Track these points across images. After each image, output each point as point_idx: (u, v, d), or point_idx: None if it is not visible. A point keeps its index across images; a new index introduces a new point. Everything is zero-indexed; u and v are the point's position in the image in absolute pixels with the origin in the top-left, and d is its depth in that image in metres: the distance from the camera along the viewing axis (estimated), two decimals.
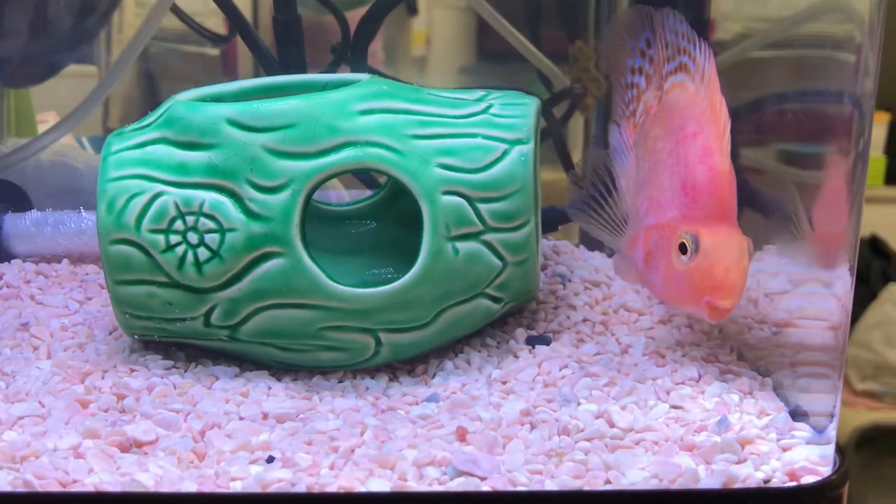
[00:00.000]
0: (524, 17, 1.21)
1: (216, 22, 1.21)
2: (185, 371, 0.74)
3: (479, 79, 1.33)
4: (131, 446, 0.63)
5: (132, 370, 0.73)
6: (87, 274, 0.91)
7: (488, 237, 0.72)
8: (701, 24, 0.94)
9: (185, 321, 0.72)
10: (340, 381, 0.73)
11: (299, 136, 0.71)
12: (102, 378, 0.72)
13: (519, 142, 0.74)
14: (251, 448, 0.62)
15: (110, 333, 0.79)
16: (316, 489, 0.57)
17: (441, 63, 1.32)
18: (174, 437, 0.64)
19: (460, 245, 0.71)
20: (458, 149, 0.73)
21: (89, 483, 0.57)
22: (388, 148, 0.72)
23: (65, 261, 0.93)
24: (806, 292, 0.70)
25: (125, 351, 0.76)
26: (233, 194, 0.71)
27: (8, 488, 0.56)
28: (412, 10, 1.27)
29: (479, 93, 0.79)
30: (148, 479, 0.58)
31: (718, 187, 0.66)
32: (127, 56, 0.99)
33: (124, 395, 0.68)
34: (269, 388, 0.71)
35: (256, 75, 1.24)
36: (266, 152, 0.71)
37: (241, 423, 0.66)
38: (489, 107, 0.77)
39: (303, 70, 1.00)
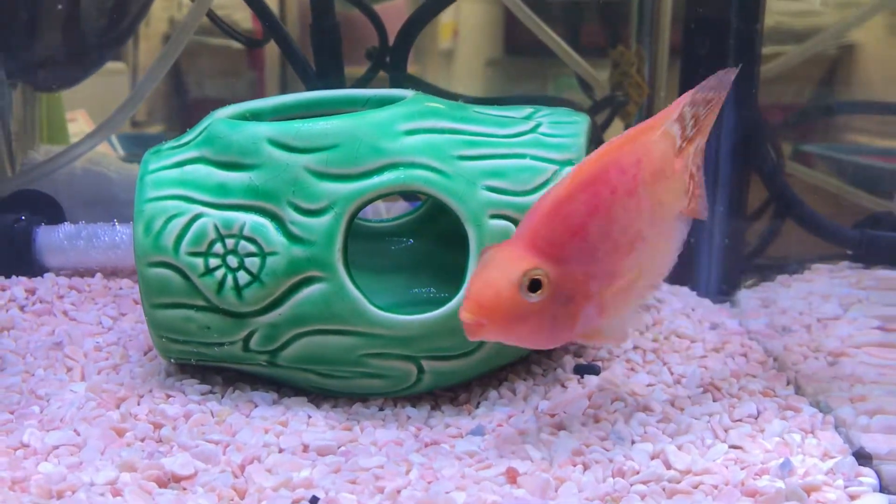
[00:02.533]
0: (562, 18, 1.19)
1: (243, 16, 1.19)
2: (223, 396, 0.71)
3: (507, 72, 1.31)
4: (169, 481, 0.61)
5: (168, 395, 0.71)
6: (120, 288, 0.89)
7: None
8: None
9: (224, 346, 0.70)
10: (381, 409, 0.71)
11: (342, 158, 0.68)
12: (138, 404, 0.70)
13: (569, 162, 0.71)
14: (293, 486, 0.60)
15: (145, 354, 0.77)
16: None
17: (468, 56, 1.29)
18: (213, 472, 0.61)
19: None
20: (507, 170, 0.70)
21: None
22: (433, 170, 0.69)
23: (98, 275, 0.91)
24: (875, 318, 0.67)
25: (160, 374, 0.74)
26: (274, 217, 0.68)
27: None
28: None
29: (527, 110, 0.77)
30: None
31: (537, 209, 0.61)
32: (163, 62, 0.97)
33: (161, 424, 0.66)
34: (309, 417, 0.69)
35: (282, 73, 1.22)
36: (308, 174, 0.68)
37: (282, 455, 0.63)
38: (538, 125, 0.74)
39: (341, 78, 0.97)
